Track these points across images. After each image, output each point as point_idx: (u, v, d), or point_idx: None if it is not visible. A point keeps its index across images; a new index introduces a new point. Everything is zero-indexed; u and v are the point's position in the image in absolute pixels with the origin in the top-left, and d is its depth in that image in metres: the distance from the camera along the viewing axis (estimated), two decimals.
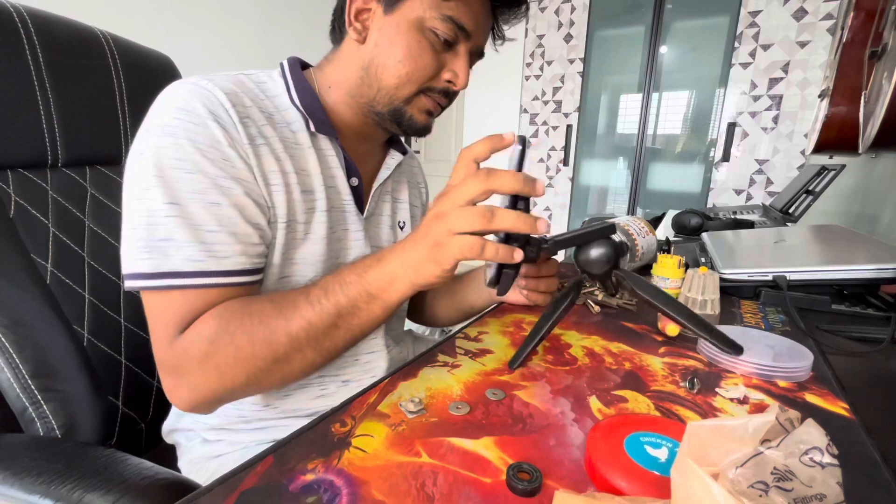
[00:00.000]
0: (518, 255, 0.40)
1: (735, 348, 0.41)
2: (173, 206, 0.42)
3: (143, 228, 0.42)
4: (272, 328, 0.42)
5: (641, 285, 0.47)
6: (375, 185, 0.62)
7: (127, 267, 0.43)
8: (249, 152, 0.46)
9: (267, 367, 0.43)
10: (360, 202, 0.58)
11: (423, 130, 0.57)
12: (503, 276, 0.43)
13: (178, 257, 0.42)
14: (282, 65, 0.56)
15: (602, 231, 0.46)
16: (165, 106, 0.44)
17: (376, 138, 0.62)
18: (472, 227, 0.38)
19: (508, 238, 0.41)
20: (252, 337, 0.42)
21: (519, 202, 0.41)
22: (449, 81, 0.54)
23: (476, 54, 0.56)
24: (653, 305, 0.46)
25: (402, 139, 0.67)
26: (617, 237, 0.46)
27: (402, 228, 0.68)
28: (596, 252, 0.46)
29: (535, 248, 0.43)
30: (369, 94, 0.54)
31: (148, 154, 0.43)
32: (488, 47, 0.60)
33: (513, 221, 0.39)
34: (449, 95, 0.56)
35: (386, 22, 0.51)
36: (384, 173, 0.63)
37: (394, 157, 0.65)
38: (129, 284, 0.42)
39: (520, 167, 0.40)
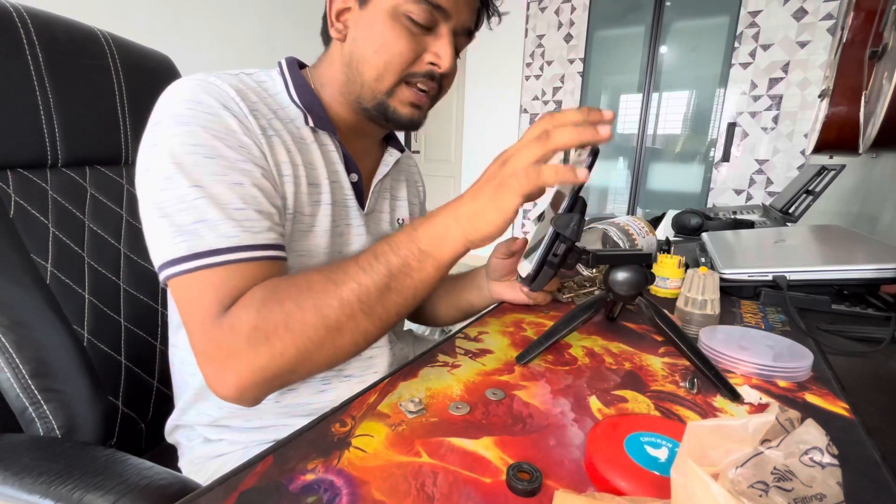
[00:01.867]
0: (582, 173, 0.38)
1: (735, 396, 0.42)
2: (198, 188, 0.41)
3: (174, 215, 0.41)
4: (322, 293, 0.40)
5: (662, 318, 0.48)
6: (375, 181, 0.62)
7: (161, 256, 0.42)
8: (263, 142, 0.47)
9: (318, 338, 0.40)
10: (360, 198, 0.59)
11: (410, 124, 0.56)
12: (543, 272, 0.43)
13: (212, 236, 0.41)
14: (280, 64, 0.56)
15: (639, 257, 0.48)
16: (174, 99, 0.44)
17: (372, 135, 0.62)
18: (533, 156, 0.38)
19: (555, 253, 0.42)
20: (301, 303, 0.40)
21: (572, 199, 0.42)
22: (432, 64, 0.52)
23: (463, 34, 0.55)
24: (669, 339, 0.47)
25: (402, 138, 0.67)
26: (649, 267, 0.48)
27: (401, 225, 0.68)
28: (629, 276, 0.48)
29: (576, 256, 0.44)
30: (355, 91, 0.54)
31: (161, 145, 0.42)
32: (485, 45, 0.60)
33: (570, 135, 0.38)
34: (435, 79, 0.54)
35: (361, 16, 0.51)
36: (383, 170, 0.63)
37: (392, 155, 0.65)
38: (166, 273, 0.41)
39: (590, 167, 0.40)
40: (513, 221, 0.41)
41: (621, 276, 0.48)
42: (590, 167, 0.39)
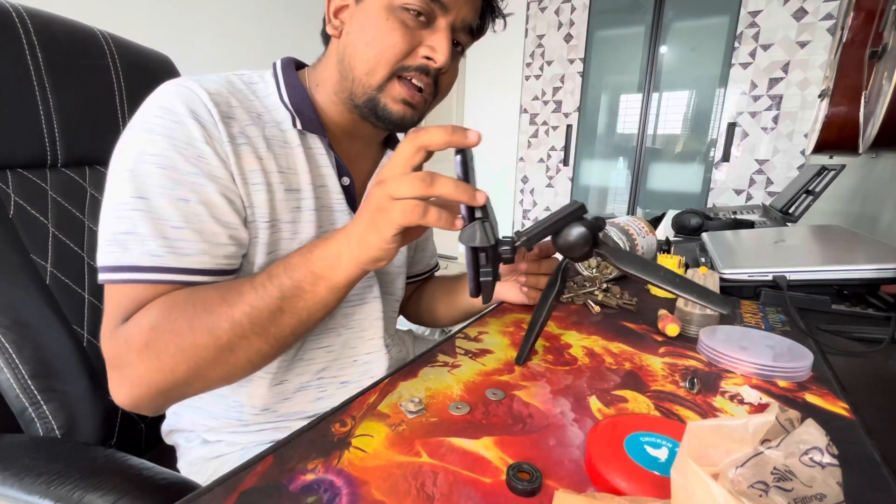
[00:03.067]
0: (459, 223, 0.38)
1: (724, 304, 0.40)
2: (140, 199, 0.42)
3: (109, 221, 0.42)
4: (214, 314, 0.40)
5: (623, 258, 0.45)
6: (370, 185, 0.60)
7: (97, 260, 0.43)
8: (229, 150, 0.46)
9: (210, 357, 0.40)
10: (352, 202, 0.57)
11: (401, 122, 0.53)
12: (482, 285, 0.42)
13: (137, 251, 0.41)
14: (274, 65, 0.56)
15: (572, 214, 0.44)
16: (149, 105, 0.45)
17: (367, 137, 0.61)
18: (412, 192, 0.37)
19: (481, 265, 0.40)
20: (192, 324, 0.40)
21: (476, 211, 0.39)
22: (427, 58, 0.50)
23: (464, 31, 0.53)
24: (637, 277, 0.45)
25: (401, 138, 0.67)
26: (588, 216, 0.45)
27: None
28: (571, 235, 0.45)
29: (510, 248, 0.42)
30: (347, 88, 0.52)
31: (126, 150, 0.44)
32: (485, 45, 0.59)
33: (452, 188, 0.37)
34: (430, 74, 0.51)
35: (358, 10, 0.50)
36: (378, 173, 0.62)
37: (388, 157, 0.63)
38: (98, 278, 0.43)
39: (466, 177, 0.39)
40: (398, 246, 0.40)
41: (569, 237, 0.44)
42: (465, 173, 0.38)
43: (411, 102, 0.52)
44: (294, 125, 0.52)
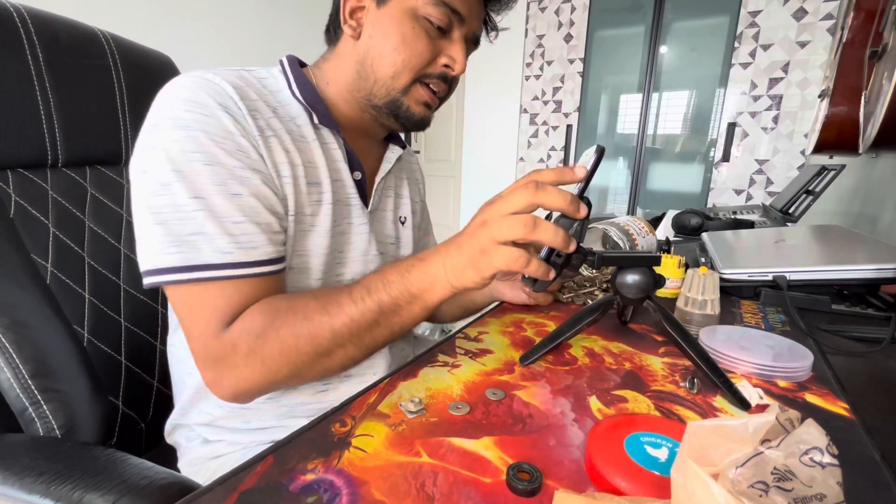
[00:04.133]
0: (552, 274, 0.41)
1: (744, 404, 0.41)
2: (198, 199, 0.42)
3: (170, 224, 0.42)
4: (317, 324, 0.43)
5: (669, 321, 0.47)
6: (378, 178, 0.62)
7: (151, 262, 0.42)
8: (260, 143, 0.47)
9: (310, 361, 0.44)
10: (364, 196, 0.59)
11: (421, 123, 0.57)
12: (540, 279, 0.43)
13: (208, 250, 0.42)
14: (281, 61, 0.56)
15: (649, 260, 0.47)
16: (174, 99, 0.44)
17: (375, 134, 0.63)
18: (514, 236, 0.39)
19: (558, 254, 0.42)
20: (297, 332, 0.43)
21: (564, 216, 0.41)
22: (446, 66, 0.54)
23: (471, 41, 0.57)
24: (676, 343, 0.47)
25: (402, 135, 0.67)
26: (658, 270, 0.47)
27: (403, 223, 0.68)
28: (638, 278, 0.47)
29: (581, 257, 0.44)
30: (366, 88, 0.54)
31: (160, 148, 0.42)
32: (485, 45, 0.60)
33: (552, 236, 0.40)
34: (447, 81, 0.56)
35: (380, 15, 0.52)
36: (385, 167, 0.63)
37: (393, 151, 0.65)
38: (153, 280, 0.42)
39: (591, 175, 0.40)
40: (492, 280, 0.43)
41: (630, 278, 0.47)
42: (593, 169, 0.40)
43: (430, 105, 0.56)
44: (311, 120, 0.53)
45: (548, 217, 0.45)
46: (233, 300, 0.43)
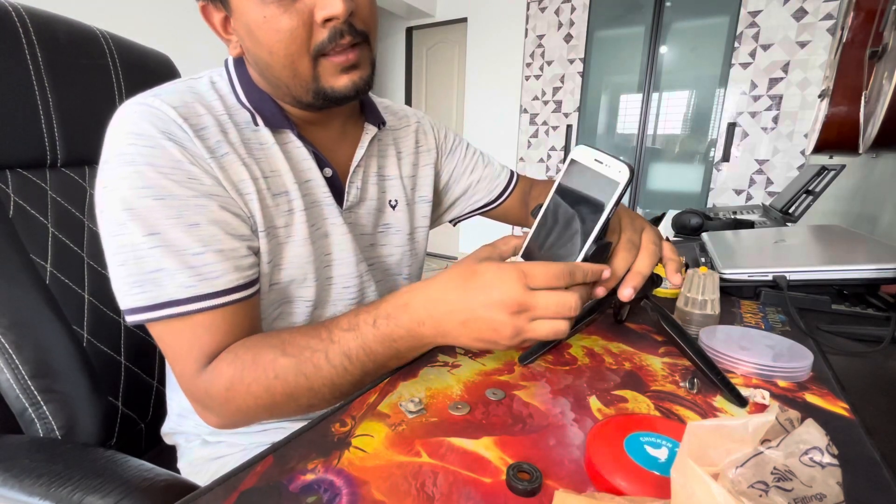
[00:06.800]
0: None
1: (741, 401, 0.41)
2: (153, 236, 0.41)
3: (130, 264, 0.41)
4: (292, 385, 0.41)
5: (668, 321, 0.47)
6: (352, 167, 0.57)
7: (122, 303, 0.42)
8: (213, 165, 0.44)
9: (290, 410, 0.44)
10: (338, 194, 0.55)
11: (355, 91, 0.48)
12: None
13: (171, 286, 0.41)
14: (226, 61, 0.52)
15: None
16: (117, 133, 0.42)
17: (335, 122, 0.56)
18: (559, 314, 0.38)
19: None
20: (270, 390, 0.42)
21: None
22: (327, 20, 0.44)
23: None
24: (674, 342, 0.47)
25: (379, 109, 0.61)
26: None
27: (394, 207, 0.63)
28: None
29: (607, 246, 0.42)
30: (289, 94, 0.49)
31: (111, 188, 0.41)
32: (485, 45, 0.58)
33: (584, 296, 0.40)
34: (343, 33, 0.45)
35: (238, 20, 0.46)
36: (359, 152, 0.57)
37: (367, 133, 0.58)
38: (130, 319, 0.42)
39: (617, 201, 0.38)
40: None
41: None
42: (617, 201, 0.38)
43: (349, 64, 0.47)
44: (255, 123, 0.49)
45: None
46: (204, 338, 0.43)
